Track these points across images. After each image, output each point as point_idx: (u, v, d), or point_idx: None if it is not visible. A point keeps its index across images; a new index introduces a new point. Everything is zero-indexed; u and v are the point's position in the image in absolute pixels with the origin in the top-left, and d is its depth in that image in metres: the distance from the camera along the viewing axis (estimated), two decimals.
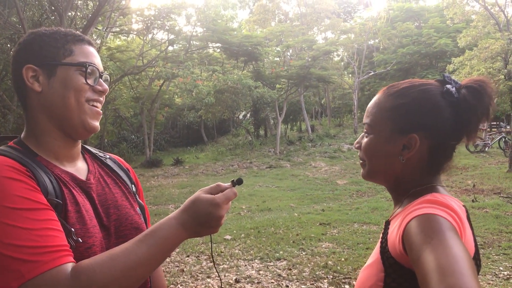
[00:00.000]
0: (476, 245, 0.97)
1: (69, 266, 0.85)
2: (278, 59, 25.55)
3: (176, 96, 23.78)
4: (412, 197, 1.04)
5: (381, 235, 1.07)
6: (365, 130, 1.14)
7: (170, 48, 20.87)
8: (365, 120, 1.14)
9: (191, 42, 20.64)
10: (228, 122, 29.25)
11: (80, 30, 9.80)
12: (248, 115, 28.43)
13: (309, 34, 26.10)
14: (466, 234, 0.91)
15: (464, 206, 1.01)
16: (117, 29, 18.33)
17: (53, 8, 10.62)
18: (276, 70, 21.54)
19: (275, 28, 25.23)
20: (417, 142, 1.03)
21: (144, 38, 19.79)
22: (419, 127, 1.03)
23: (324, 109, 33.66)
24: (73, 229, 0.94)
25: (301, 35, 23.97)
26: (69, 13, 11.08)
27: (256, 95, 19.03)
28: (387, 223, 1.08)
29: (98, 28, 13.72)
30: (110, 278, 0.84)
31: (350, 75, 30.39)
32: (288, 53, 26.32)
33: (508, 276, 4.54)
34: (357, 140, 1.18)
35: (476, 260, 0.96)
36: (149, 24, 18.40)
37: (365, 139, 1.13)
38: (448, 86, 1.02)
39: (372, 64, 26.53)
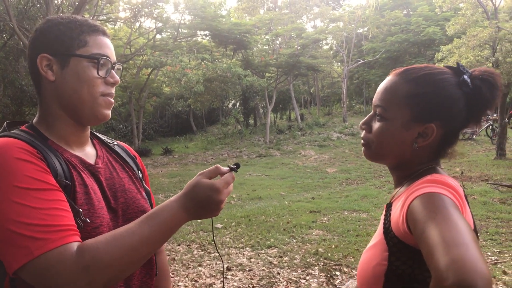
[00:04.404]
0: (473, 221, 1.01)
1: (75, 244, 0.88)
2: (267, 47, 25.43)
3: (164, 85, 23.62)
4: (413, 178, 1.06)
5: (382, 217, 1.09)
6: (377, 113, 1.11)
7: (158, 36, 20.64)
8: (378, 102, 1.11)
9: (180, 30, 20.42)
10: (217, 111, 29.17)
11: None
12: (238, 104, 28.38)
13: (298, 22, 25.96)
14: (466, 210, 0.95)
15: (461, 186, 1.04)
16: (104, 17, 18.05)
17: None
18: (265, 59, 21.42)
19: (264, 16, 25.07)
20: (434, 132, 1.04)
21: (132, 26, 19.55)
22: (437, 117, 1.04)
23: (313, 98, 33.71)
24: (81, 210, 0.98)
25: (290, 23, 23.84)
26: (56, 1, 10.89)
27: (246, 84, 18.93)
28: (389, 205, 1.10)
29: (85, 16, 13.50)
30: (113, 257, 0.87)
31: (339, 63, 30.41)
32: (277, 42, 26.17)
33: (495, 261, 4.61)
34: (364, 121, 1.16)
35: (475, 233, 0.99)
36: (136, 12, 18.13)
37: (378, 123, 1.10)
38: (465, 76, 1.04)
39: (361, 53, 26.57)
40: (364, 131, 1.16)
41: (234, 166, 1.07)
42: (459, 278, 0.66)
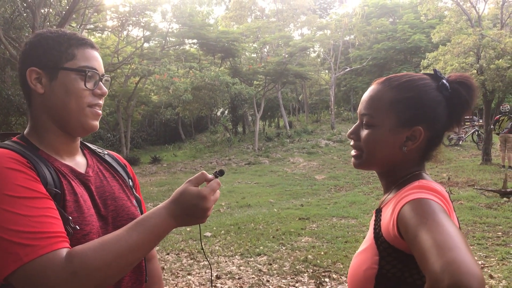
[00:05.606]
0: (459, 225, 1.04)
1: (64, 251, 0.90)
2: (255, 55, 25.57)
3: (152, 94, 23.54)
4: (401, 184, 1.09)
5: (372, 222, 1.12)
6: (364, 121, 1.13)
7: (146, 45, 20.60)
8: (364, 111, 1.14)
9: (167, 38, 20.43)
10: (206, 119, 29.13)
11: (54, 27, 9.57)
12: (226, 112, 28.36)
13: (285, 30, 26.17)
14: (453, 214, 0.99)
15: (448, 191, 1.06)
16: (92, 26, 17.98)
17: (25, 4, 10.36)
18: (253, 67, 21.51)
19: (252, 24, 25.19)
20: (421, 134, 1.08)
21: (119, 35, 19.50)
22: (422, 120, 1.08)
23: (301, 105, 33.85)
24: (70, 217, 1.00)
25: (277, 31, 23.99)
26: (42, 10, 10.83)
27: (234, 92, 18.98)
28: (378, 210, 1.13)
29: (72, 25, 13.43)
30: (101, 262, 0.89)
31: (327, 71, 30.56)
32: (265, 50, 26.28)
33: (482, 266, 4.66)
34: (351, 131, 1.18)
35: None
36: (124, 21, 18.09)
37: (366, 131, 1.13)
38: (444, 81, 1.09)
39: (348, 60, 26.77)
40: (352, 140, 1.18)
41: (217, 172, 1.10)
42: (455, 280, 0.68)
